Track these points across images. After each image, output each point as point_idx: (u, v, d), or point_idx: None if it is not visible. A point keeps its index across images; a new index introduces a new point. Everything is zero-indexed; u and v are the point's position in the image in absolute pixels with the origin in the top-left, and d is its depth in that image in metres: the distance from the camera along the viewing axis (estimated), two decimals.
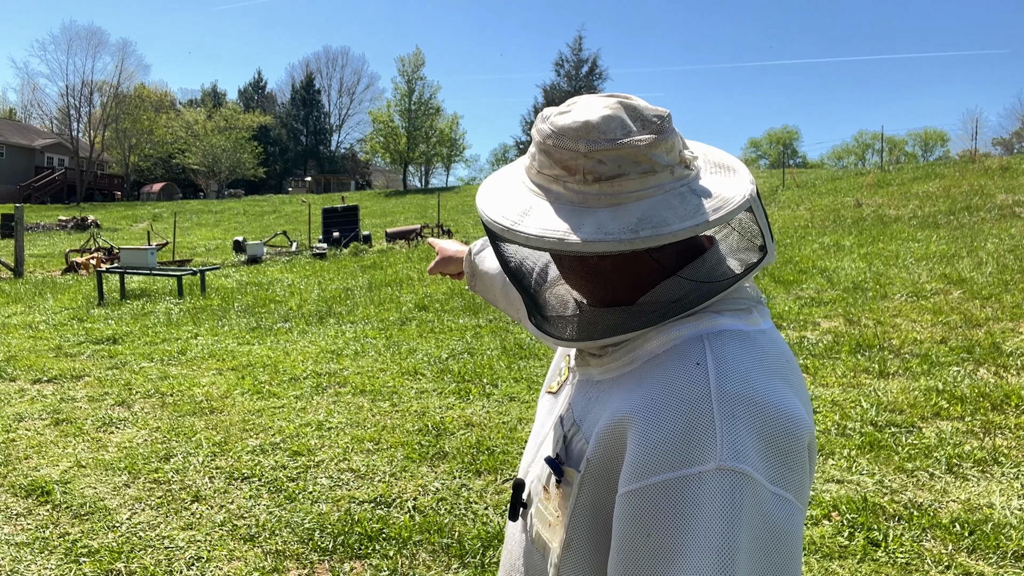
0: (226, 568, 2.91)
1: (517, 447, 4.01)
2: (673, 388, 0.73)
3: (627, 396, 0.76)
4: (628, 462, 0.71)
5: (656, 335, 0.79)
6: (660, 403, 0.72)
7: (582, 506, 0.78)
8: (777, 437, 0.70)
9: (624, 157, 0.75)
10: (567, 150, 0.77)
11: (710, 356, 0.74)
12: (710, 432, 0.68)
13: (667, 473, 0.68)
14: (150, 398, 5.17)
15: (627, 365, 0.81)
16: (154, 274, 10.53)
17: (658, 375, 0.75)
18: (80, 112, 47.56)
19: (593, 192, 0.76)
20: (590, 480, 0.78)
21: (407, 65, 47.95)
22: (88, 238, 18.03)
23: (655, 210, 0.74)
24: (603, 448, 0.76)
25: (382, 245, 16.83)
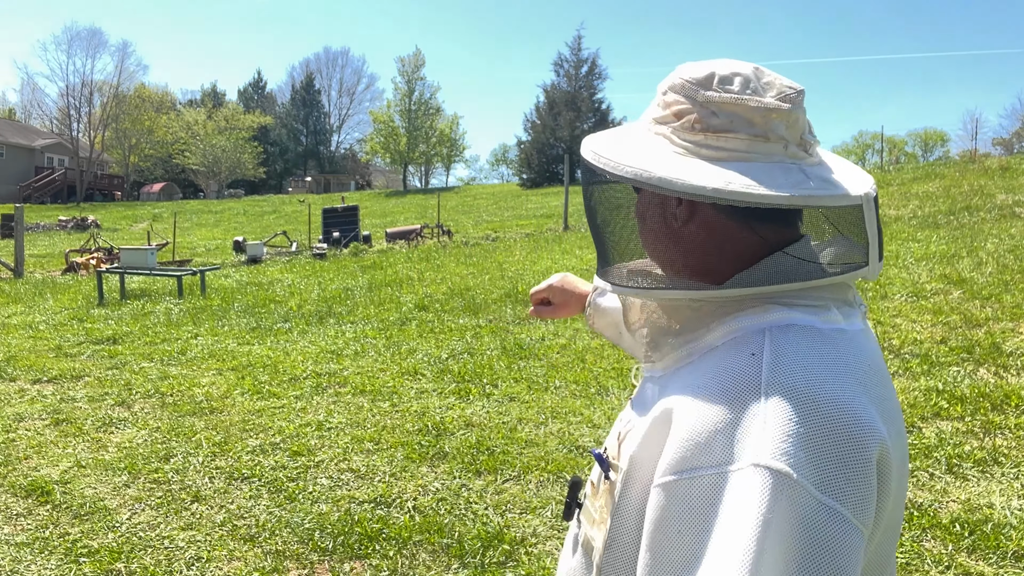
0: (226, 568, 2.91)
1: (517, 447, 4.01)
2: (722, 378, 0.68)
3: (676, 389, 0.73)
4: (666, 452, 0.68)
5: (718, 326, 0.75)
6: (706, 393, 0.68)
7: (627, 504, 0.75)
8: (835, 440, 0.62)
9: (739, 114, 0.74)
10: (684, 97, 0.76)
11: (768, 347, 0.69)
12: (754, 426, 0.63)
13: (703, 467, 0.64)
14: (150, 398, 5.17)
15: (686, 358, 0.77)
16: (154, 274, 10.53)
17: (711, 365, 0.72)
18: (80, 112, 47.59)
19: (697, 141, 0.74)
20: (635, 478, 0.74)
21: (407, 65, 48.01)
22: (88, 238, 18.03)
23: (753, 172, 0.71)
24: (648, 442, 0.73)
25: (382, 245, 16.83)
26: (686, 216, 0.77)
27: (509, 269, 10.91)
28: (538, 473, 3.67)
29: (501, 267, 11.22)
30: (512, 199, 30.61)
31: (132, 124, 48.51)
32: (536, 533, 3.09)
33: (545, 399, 4.85)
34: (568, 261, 11.32)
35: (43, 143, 46.26)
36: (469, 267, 11.57)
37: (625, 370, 5.40)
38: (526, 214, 23.51)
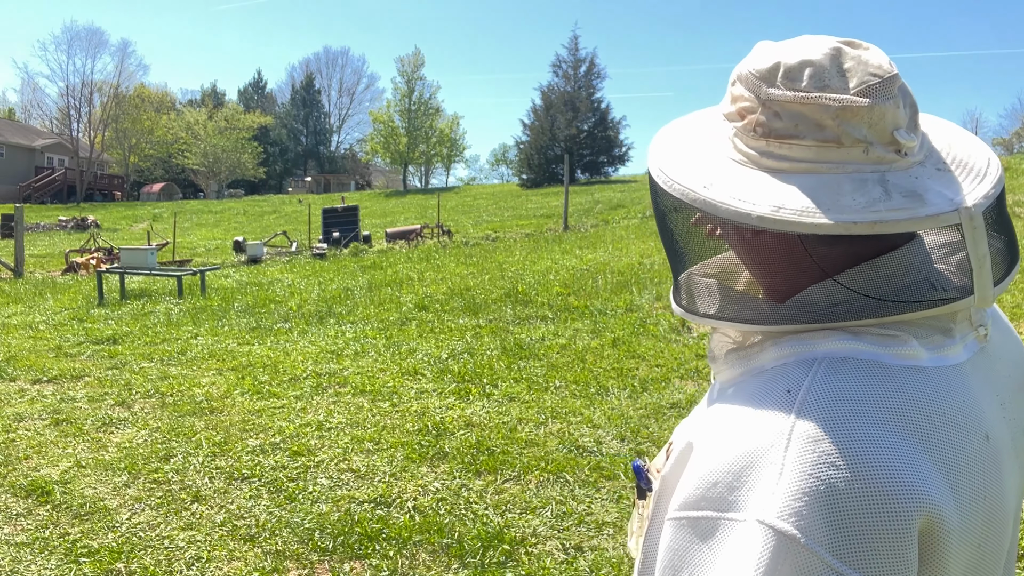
0: (226, 568, 2.91)
1: (517, 447, 4.01)
2: (749, 414, 0.60)
3: (710, 412, 0.67)
4: (681, 485, 0.62)
5: (771, 346, 0.65)
6: (729, 428, 0.61)
7: (656, 526, 0.69)
8: (861, 503, 0.53)
9: (805, 115, 0.61)
10: (748, 92, 0.65)
11: (808, 384, 0.59)
12: (769, 476, 0.55)
13: (706, 510, 0.57)
14: (150, 398, 5.17)
15: (738, 375, 0.68)
16: (154, 274, 10.53)
17: (746, 395, 0.63)
18: (80, 112, 47.59)
19: (759, 148, 0.64)
20: (663, 499, 0.68)
21: (407, 65, 48.03)
22: (88, 238, 18.03)
23: (816, 190, 0.60)
24: (677, 465, 0.66)
25: (382, 245, 16.84)
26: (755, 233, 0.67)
27: (509, 269, 10.91)
28: (538, 473, 3.67)
29: (501, 267, 11.22)
30: (512, 199, 30.62)
31: (132, 124, 48.50)
32: (536, 533, 3.09)
33: (545, 399, 4.85)
34: (568, 261, 11.32)
35: (43, 143, 46.26)
36: (469, 267, 11.57)
37: (625, 370, 5.41)
38: (526, 214, 23.52)
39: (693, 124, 0.74)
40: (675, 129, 0.75)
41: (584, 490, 3.47)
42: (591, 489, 3.48)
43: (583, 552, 2.94)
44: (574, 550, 2.96)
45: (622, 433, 4.16)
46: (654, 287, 8.47)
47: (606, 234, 15.63)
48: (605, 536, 3.06)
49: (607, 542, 3.01)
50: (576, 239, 14.98)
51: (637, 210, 21.19)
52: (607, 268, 10.19)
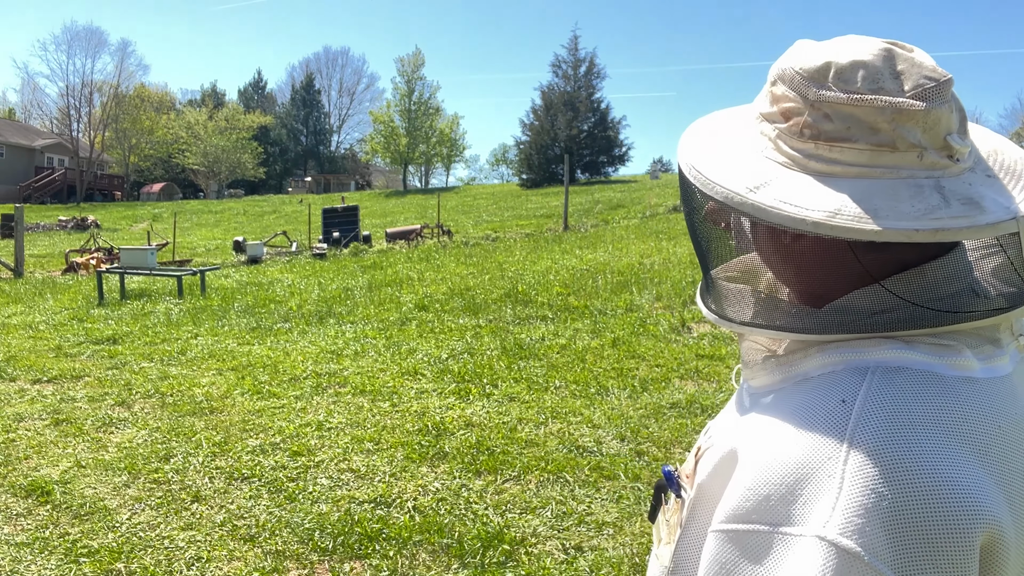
0: (226, 568, 2.91)
1: (517, 447, 4.01)
2: (802, 423, 0.58)
3: (753, 420, 0.64)
4: (726, 496, 0.59)
5: (817, 353, 0.63)
6: (779, 438, 0.58)
7: (691, 536, 0.67)
8: (925, 519, 0.51)
9: (858, 117, 0.59)
10: (794, 92, 0.62)
11: (864, 395, 0.57)
12: (827, 489, 0.53)
13: (759, 524, 0.55)
14: (150, 398, 5.17)
15: (778, 382, 0.66)
16: (154, 274, 10.53)
17: (795, 403, 0.61)
18: (80, 112, 47.59)
19: (806, 151, 0.61)
20: (701, 508, 0.66)
21: (407, 65, 48.03)
22: (88, 238, 18.03)
23: (870, 195, 0.58)
24: (716, 474, 0.64)
25: (382, 245, 16.84)
26: (795, 236, 0.65)
27: (509, 269, 10.91)
28: (538, 473, 3.67)
29: (501, 267, 11.22)
30: (512, 199, 30.63)
31: (132, 124, 48.51)
32: (536, 533, 3.09)
33: (545, 399, 4.85)
34: (568, 261, 11.32)
35: (43, 143, 46.26)
36: (469, 267, 11.57)
37: (625, 370, 5.41)
38: (526, 214, 23.52)
39: (725, 123, 0.71)
40: (706, 128, 0.72)
41: (584, 490, 3.47)
42: (591, 489, 3.48)
43: (583, 552, 2.94)
44: (574, 550, 2.96)
45: (622, 433, 4.16)
46: (654, 287, 8.47)
47: (606, 234, 15.63)
48: (605, 536, 3.06)
49: (607, 542, 3.01)
50: (576, 239, 14.98)
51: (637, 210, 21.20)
52: (607, 268, 10.19)
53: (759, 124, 0.66)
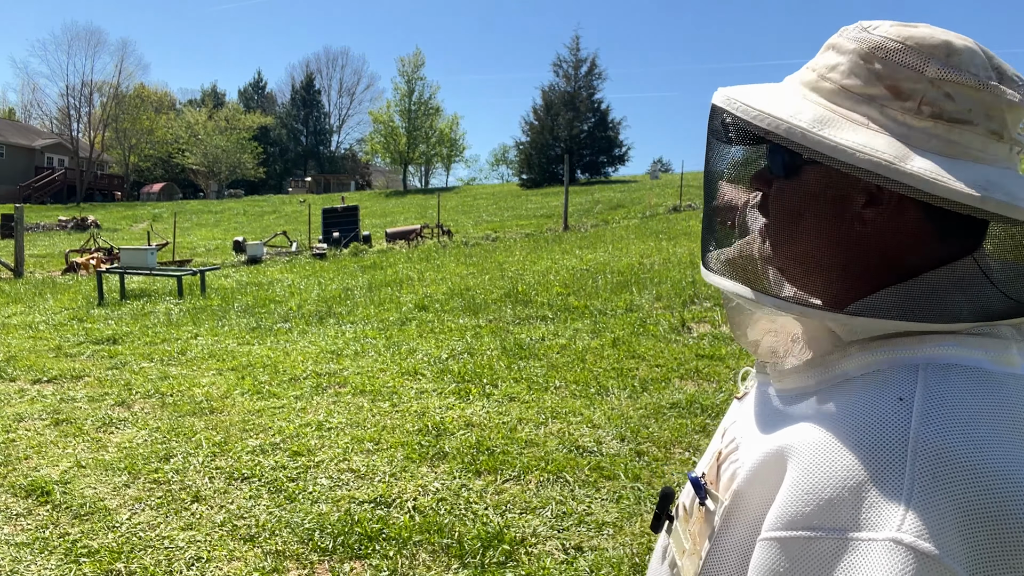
0: (226, 568, 2.91)
1: (517, 447, 4.01)
2: (859, 424, 0.56)
3: (798, 424, 0.62)
4: (780, 501, 0.57)
5: (859, 352, 0.62)
6: (837, 438, 0.56)
7: (727, 546, 0.65)
8: (999, 520, 0.51)
9: (980, 103, 0.59)
10: (907, 68, 0.60)
11: (921, 393, 0.56)
12: (895, 491, 0.52)
13: (824, 529, 0.53)
14: (150, 398, 5.17)
15: (814, 384, 0.64)
16: (154, 274, 10.53)
17: (845, 404, 0.59)
18: (80, 112, 47.63)
19: (923, 128, 0.59)
20: (739, 516, 0.63)
21: (407, 65, 48.03)
22: (88, 238, 18.03)
23: (1000, 178, 0.57)
24: (758, 480, 0.62)
25: (382, 245, 16.84)
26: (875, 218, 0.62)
27: (509, 269, 10.91)
28: (538, 473, 3.67)
29: (501, 267, 11.22)
30: (512, 199, 30.63)
31: (132, 124, 48.52)
32: (536, 533, 3.09)
33: (545, 399, 4.85)
34: (568, 261, 11.32)
35: (43, 143, 46.27)
36: (469, 267, 11.57)
37: (625, 370, 5.41)
38: (526, 214, 23.53)
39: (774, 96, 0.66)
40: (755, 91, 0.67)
41: (584, 490, 3.47)
42: (591, 489, 3.48)
43: (583, 552, 2.94)
44: (574, 550, 2.96)
45: (622, 433, 4.16)
46: (654, 287, 8.47)
47: (606, 234, 15.63)
48: (605, 536, 3.06)
49: (607, 542, 3.01)
50: (576, 239, 14.98)
51: (637, 210, 21.20)
52: (607, 268, 10.20)
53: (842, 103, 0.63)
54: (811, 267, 0.66)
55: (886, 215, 0.62)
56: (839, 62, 0.64)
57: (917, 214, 0.61)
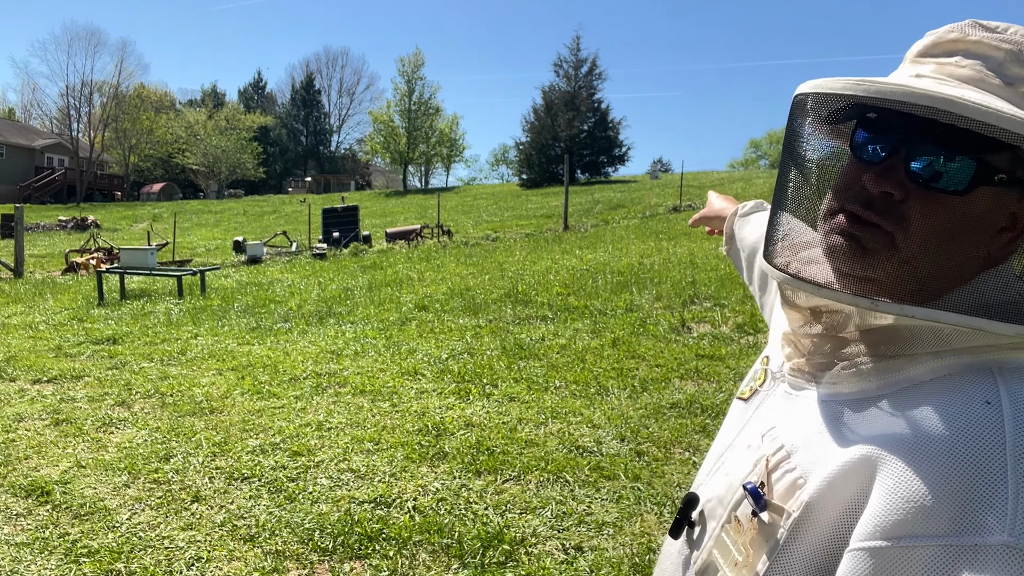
0: (226, 568, 2.91)
1: (517, 447, 4.01)
2: (951, 430, 0.57)
3: (874, 431, 0.61)
4: (873, 512, 0.57)
5: (929, 359, 0.63)
6: (929, 446, 0.57)
7: (794, 558, 0.63)
8: None
9: None
10: None
11: (1006, 396, 0.57)
12: (999, 495, 0.52)
13: (932, 536, 0.53)
14: (150, 398, 5.17)
15: (875, 388, 0.65)
16: (154, 274, 10.53)
17: (926, 409, 0.59)
18: (80, 112, 47.60)
19: None
20: (809, 527, 0.62)
21: (407, 65, 47.99)
22: (88, 238, 18.03)
23: None
24: (833, 490, 0.61)
25: (382, 245, 16.84)
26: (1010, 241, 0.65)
27: (509, 269, 10.91)
28: (538, 473, 3.67)
29: (501, 267, 11.22)
30: (512, 199, 30.63)
31: (132, 124, 48.50)
32: (536, 533, 3.09)
33: (545, 399, 4.85)
34: (568, 261, 11.32)
35: (43, 143, 46.24)
36: (469, 267, 11.57)
37: (625, 370, 5.41)
38: (526, 214, 23.52)
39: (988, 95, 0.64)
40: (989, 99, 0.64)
41: (584, 490, 3.47)
42: (591, 489, 3.48)
43: (583, 552, 2.94)
44: (574, 550, 2.96)
45: (622, 433, 4.16)
46: (654, 287, 8.48)
47: (606, 234, 15.63)
48: (605, 536, 3.06)
49: (607, 542, 3.01)
50: (576, 239, 14.99)
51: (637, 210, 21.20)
52: (607, 268, 10.20)
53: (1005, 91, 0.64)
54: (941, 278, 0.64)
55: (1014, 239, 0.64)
56: (998, 60, 0.65)
57: None
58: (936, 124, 0.61)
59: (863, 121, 0.68)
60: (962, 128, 0.59)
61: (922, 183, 0.63)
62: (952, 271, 0.64)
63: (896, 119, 0.64)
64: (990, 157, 0.61)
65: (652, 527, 3.13)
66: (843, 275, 0.67)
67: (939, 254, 0.63)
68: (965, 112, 0.58)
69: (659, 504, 3.30)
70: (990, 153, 0.61)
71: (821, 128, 0.73)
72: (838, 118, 0.70)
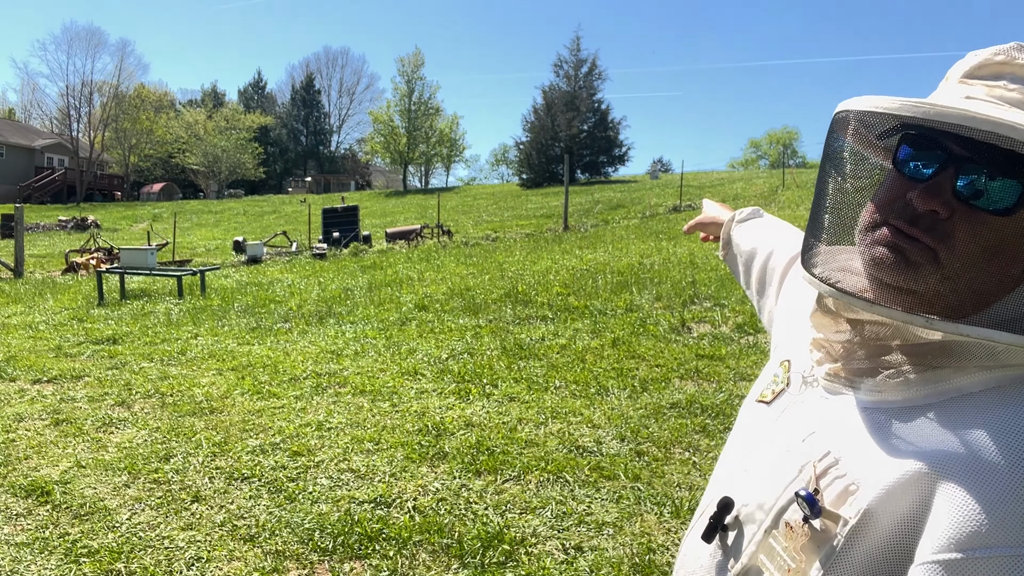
0: (226, 568, 2.91)
1: (517, 447, 4.01)
2: (1011, 441, 0.59)
3: (931, 441, 0.63)
4: (941, 525, 0.58)
5: (976, 370, 0.65)
6: (992, 458, 0.59)
7: (851, 565, 0.64)
8: None
9: None
10: None
11: None
12: None
13: (1007, 548, 0.55)
14: (150, 398, 5.17)
15: (922, 397, 0.66)
16: (154, 274, 10.53)
17: (982, 421, 0.61)
18: (80, 112, 47.60)
19: None
20: (867, 535, 0.63)
21: (407, 65, 48.02)
22: (88, 238, 18.03)
23: None
24: (892, 499, 0.62)
25: (382, 245, 16.84)
26: None
27: (509, 269, 10.91)
28: (538, 473, 3.67)
29: (501, 267, 11.22)
30: (512, 199, 30.62)
31: (132, 124, 48.50)
32: (536, 533, 3.09)
33: (545, 399, 4.85)
34: (568, 261, 11.32)
35: (43, 143, 46.24)
36: (469, 267, 11.57)
37: (625, 370, 5.40)
38: (526, 214, 23.52)
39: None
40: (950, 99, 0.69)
41: (584, 490, 3.47)
42: (591, 489, 3.48)
43: (583, 552, 2.94)
44: (574, 550, 2.96)
45: (622, 433, 4.16)
46: (654, 287, 8.48)
47: (606, 234, 15.64)
48: (605, 536, 3.06)
49: (607, 542, 3.01)
50: (576, 239, 14.99)
51: (637, 210, 21.20)
52: (607, 268, 10.20)
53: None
54: (982, 294, 0.66)
55: None
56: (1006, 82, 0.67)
57: None
58: (987, 146, 0.62)
59: (907, 138, 0.69)
60: (1009, 150, 0.61)
61: (968, 202, 0.64)
62: (993, 287, 0.66)
63: (945, 138, 0.65)
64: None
65: (652, 527, 3.13)
66: (883, 286, 0.68)
67: (981, 271, 0.65)
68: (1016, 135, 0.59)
69: (659, 504, 3.30)
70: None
71: (865, 144, 0.75)
72: (885, 135, 0.72)
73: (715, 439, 4.05)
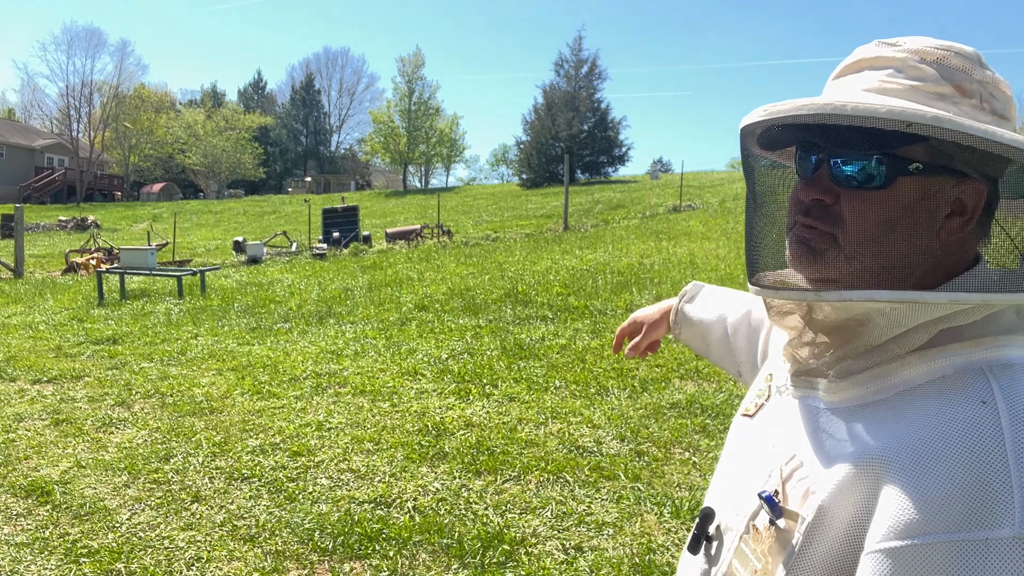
0: (226, 568, 2.91)
1: (517, 447, 4.01)
2: (950, 430, 0.60)
3: (877, 434, 0.64)
4: (886, 514, 0.59)
5: (919, 361, 0.66)
6: (932, 447, 0.59)
7: (811, 562, 0.65)
8: None
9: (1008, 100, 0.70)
10: (959, 71, 0.68)
11: (1000, 395, 0.61)
12: (1004, 491, 0.55)
13: (945, 534, 0.56)
14: (150, 398, 5.17)
15: (872, 394, 0.68)
16: (154, 274, 10.53)
17: (924, 412, 0.63)
18: (80, 112, 47.59)
19: (990, 123, 0.67)
20: (823, 532, 0.64)
21: (407, 65, 48.02)
22: (88, 238, 18.03)
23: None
24: (842, 494, 0.63)
25: (382, 245, 16.83)
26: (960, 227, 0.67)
27: (509, 269, 10.91)
28: (538, 473, 3.67)
29: (501, 267, 11.22)
30: (512, 199, 30.62)
31: (132, 124, 48.49)
32: (536, 533, 3.09)
33: (545, 399, 4.85)
34: (568, 261, 11.32)
35: (43, 143, 46.24)
36: (469, 267, 11.57)
37: (625, 370, 5.40)
38: (526, 214, 23.51)
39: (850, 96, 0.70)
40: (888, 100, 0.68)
41: (584, 490, 3.47)
42: (591, 489, 3.48)
43: (583, 552, 2.94)
44: (574, 550, 2.96)
45: (622, 433, 4.16)
46: (654, 287, 8.47)
47: (606, 234, 15.63)
48: (605, 536, 3.06)
49: (607, 542, 3.01)
50: (576, 239, 14.98)
51: (637, 210, 21.19)
52: (607, 268, 10.19)
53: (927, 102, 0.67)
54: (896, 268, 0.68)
55: (966, 223, 0.67)
56: (898, 66, 0.69)
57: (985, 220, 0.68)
58: (835, 129, 0.66)
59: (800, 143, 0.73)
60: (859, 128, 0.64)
61: (845, 184, 0.68)
62: (903, 260, 0.68)
63: (813, 134, 0.69)
64: (902, 150, 0.65)
65: (652, 527, 3.13)
66: (810, 282, 0.72)
67: (882, 245, 0.67)
68: (845, 112, 0.63)
69: (659, 504, 3.30)
70: (901, 147, 0.65)
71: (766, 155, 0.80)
72: (776, 144, 0.76)
73: (715, 439, 4.05)
